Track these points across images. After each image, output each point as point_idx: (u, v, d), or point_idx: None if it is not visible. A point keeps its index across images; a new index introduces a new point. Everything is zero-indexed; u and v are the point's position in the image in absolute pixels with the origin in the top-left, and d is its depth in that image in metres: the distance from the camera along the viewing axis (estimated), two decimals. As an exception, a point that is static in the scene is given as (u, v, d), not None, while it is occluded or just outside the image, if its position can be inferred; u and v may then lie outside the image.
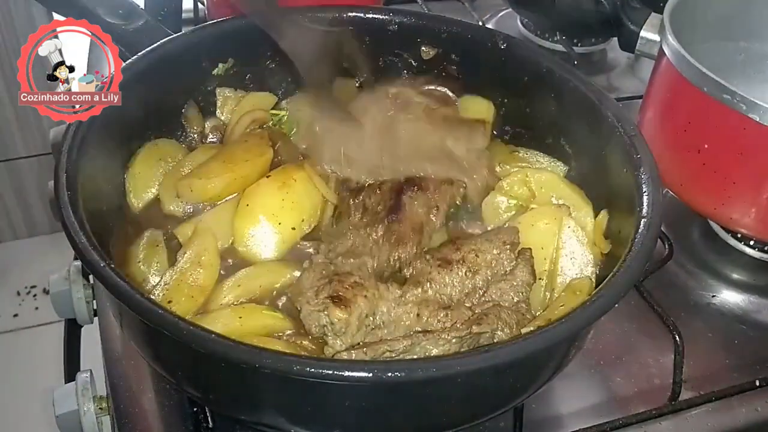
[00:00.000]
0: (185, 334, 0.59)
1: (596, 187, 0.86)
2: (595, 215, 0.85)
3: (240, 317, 0.74)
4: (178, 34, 0.92)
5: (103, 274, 0.63)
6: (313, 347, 0.74)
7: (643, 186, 0.76)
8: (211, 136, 0.95)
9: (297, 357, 0.60)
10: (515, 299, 0.77)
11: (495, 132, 0.98)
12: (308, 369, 0.57)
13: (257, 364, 0.58)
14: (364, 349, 0.69)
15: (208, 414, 0.77)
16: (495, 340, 0.71)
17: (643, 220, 0.72)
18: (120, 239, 0.80)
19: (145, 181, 0.86)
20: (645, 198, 0.75)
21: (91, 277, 1.01)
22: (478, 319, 0.71)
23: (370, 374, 0.58)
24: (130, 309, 0.62)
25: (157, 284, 0.76)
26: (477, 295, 0.77)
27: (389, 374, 0.58)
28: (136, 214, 0.84)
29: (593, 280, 0.80)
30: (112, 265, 0.64)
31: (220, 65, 0.93)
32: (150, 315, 0.61)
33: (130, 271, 0.78)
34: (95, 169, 0.77)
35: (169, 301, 0.74)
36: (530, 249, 0.81)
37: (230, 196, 0.85)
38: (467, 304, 0.76)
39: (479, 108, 0.98)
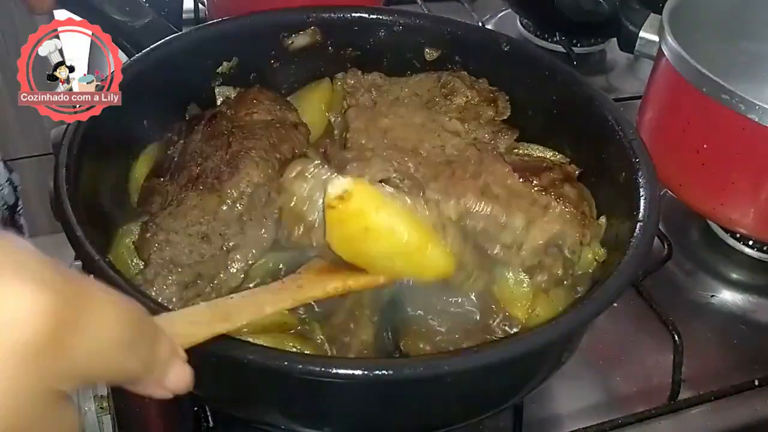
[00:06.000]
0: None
1: (595, 191, 0.86)
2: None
3: None
4: (183, 32, 0.92)
5: (98, 267, 0.64)
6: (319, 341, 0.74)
7: (641, 189, 0.75)
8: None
9: (285, 353, 0.61)
10: None
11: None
12: (299, 366, 0.58)
13: (245, 360, 0.58)
14: None
15: (208, 413, 0.77)
16: None
17: (639, 223, 0.72)
18: (120, 236, 0.80)
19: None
20: (642, 201, 0.74)
21: (91, 276, 1.01)
22: None
23: (360, 372, 0.58)
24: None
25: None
26: None
27: (376, 372, 0.58)
28: (139, 213, 0.84)
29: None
30: (108, 259, 0.65)
31: (225, 63, 0.93)
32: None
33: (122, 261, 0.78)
34: (96, 166, 0.77)
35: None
36: None
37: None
38: None
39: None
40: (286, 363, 0.58)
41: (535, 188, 0.80)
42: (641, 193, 0.75)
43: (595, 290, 0.68)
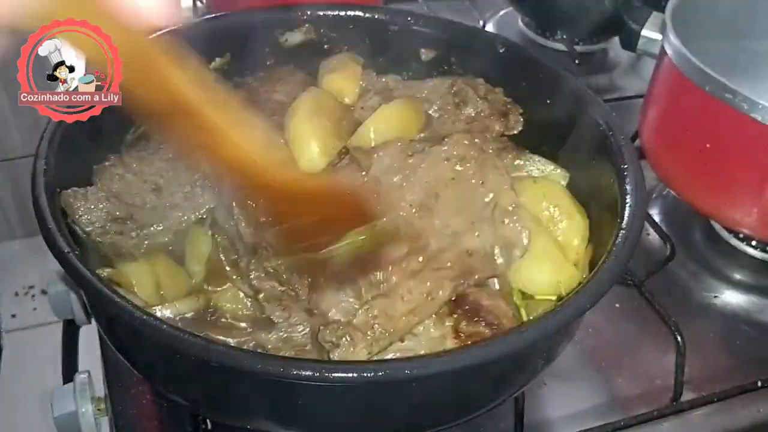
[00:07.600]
0: (138, 324, 0.59)
1: (587, 197, 0.84)
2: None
3: None
4: (174, 27, 0.91)
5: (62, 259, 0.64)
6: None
7: (627, 197, 0.74)
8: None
9: (279, 358, 0.60)
10: None
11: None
12: (284, 370, 0.57)
13: (236, 365, 0.57)
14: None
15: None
16: None
17: (621, 231, 0.70)
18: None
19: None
20: (627, 209, 0.72)
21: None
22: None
23: (351, 375, 0.57)
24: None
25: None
26: None
27: (371, 373, 0.58)
28: None
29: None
30: (77, 252, 0.64)
31: (217, 59, 0.93)
32: (104, 301, 0.61)
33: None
34: (85, 164, 0.78)
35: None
36: None
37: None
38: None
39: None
40: (282, 368, 0.57)
41: None
42: (627, 201, 0.73)
43: (563, 304, 0.66)
